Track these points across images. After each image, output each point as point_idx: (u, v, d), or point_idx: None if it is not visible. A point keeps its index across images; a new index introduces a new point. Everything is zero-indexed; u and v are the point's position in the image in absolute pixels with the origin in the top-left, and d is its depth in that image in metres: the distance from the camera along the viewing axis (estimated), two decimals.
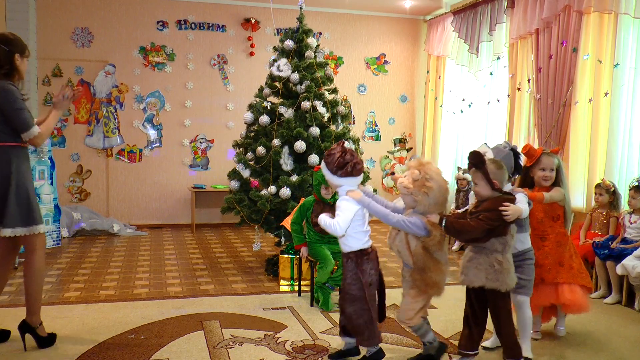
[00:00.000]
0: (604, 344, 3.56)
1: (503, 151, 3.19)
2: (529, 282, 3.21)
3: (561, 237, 3.43)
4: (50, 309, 4.07)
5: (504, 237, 2.86)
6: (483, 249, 2.88)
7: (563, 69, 5.51)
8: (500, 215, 2.78)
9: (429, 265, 2.93)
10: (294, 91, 5.34)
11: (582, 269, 3.48)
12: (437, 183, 2.86)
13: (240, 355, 3.27)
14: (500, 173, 2.94)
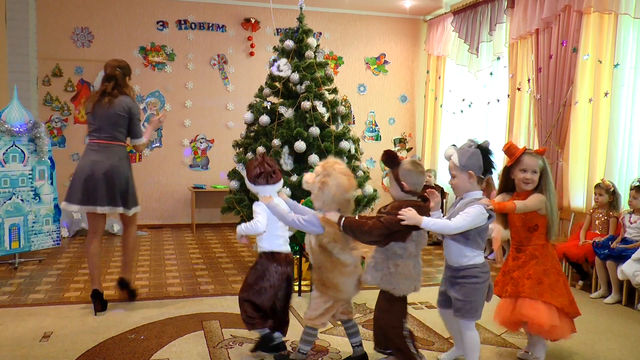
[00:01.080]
0: (604, 344, 3.56)
1: (468, 151, 2.84)
2: (467, 304, 2.82)
3: (538, 250, 3.05)
4: (50, 309, 4.07)
5: (405, 243, 2.80)
6: (385, 251, 2.83)
7: (563, 69, 5.51)
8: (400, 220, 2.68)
9: (325, 264, 2.93)
10: (294, 91, 5.34)
11: (557, 286, 3.00)
12: (335, 180, 2.87)
13: (240, 355, 3.27)
14: (413, 175, 2.83)
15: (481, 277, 2.83)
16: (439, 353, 3.34)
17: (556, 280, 3.03)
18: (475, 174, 2.81)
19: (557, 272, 3.07)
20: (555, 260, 3.10)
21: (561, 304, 3.00)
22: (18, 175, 5.34)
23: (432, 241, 6.85)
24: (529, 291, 2.99)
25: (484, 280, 2.84)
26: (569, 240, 5.06)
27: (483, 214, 2.72)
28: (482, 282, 2.83)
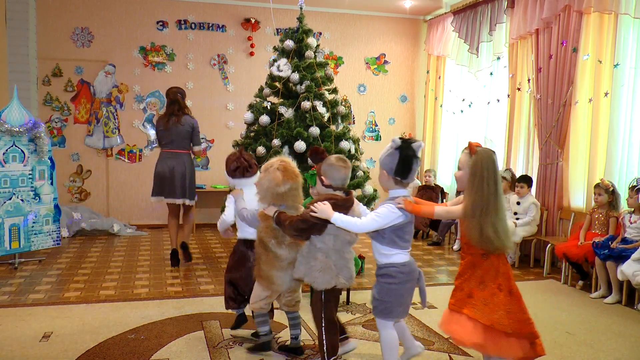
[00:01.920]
0: (604, 344, 3.56)
1: (388, 150, 2.81)
2: (380, 303, 2.79)
3: (477, 260, 2.72)
4: (50, 309, 4.07)
5: (323, 237, 2.86)
6: (309, 245, 2.92)
7: (563, 69, 5.51)
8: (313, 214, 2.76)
9: (261, 256, 3.08)
10: (294, 91, 5.34)
11: (491, 302, 2.65)
12: (268, 177, 2.99)
13: (240, 355, 3.27)
14: (333, 169, 2.90)
15: (397, 278, 2.77)
16: (439, 353, 3.34)
17: (491, 295, 2.66)
18: (388, 174, 2.80)
19: (496, 287, 2.67)
20: (499, 272, 2.68)
21: (490, 321, 2.62)
22: (18, 175, 5.34)
23: (432, 241, 6.85)
24: (455, 303, 2.76)
25: (402, 282, 2.78)
26: (568, 240, 5.07)
27: (393, 212, 2.71)
28: (397, 282, 2.77)
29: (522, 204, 5.68)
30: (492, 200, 2.60)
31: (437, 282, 5.10)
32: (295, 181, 3.04)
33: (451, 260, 6.01)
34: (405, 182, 2.82)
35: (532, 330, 2.69)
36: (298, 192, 3.07)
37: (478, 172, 2.61)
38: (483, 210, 2.60)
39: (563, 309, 4.28)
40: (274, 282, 3.07)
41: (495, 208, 2.60)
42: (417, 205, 2.76)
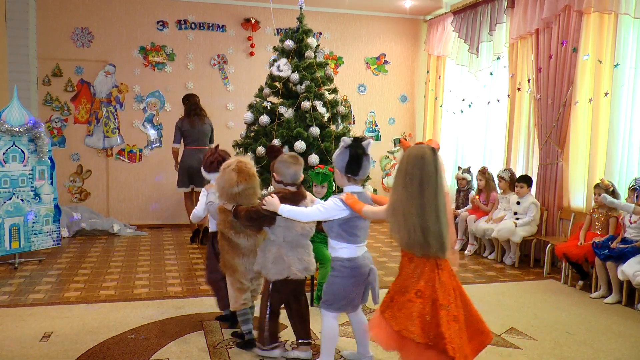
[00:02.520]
0: (604, 344, 3.56)
1: (339, 150, 2.88)
2: (324, 294, 2.91)
3: (404, 261, 2.61)
4: (50, 309, 4.07)
5: (275, 229, 3.05)
6: (267, 238, 3.13)
7: (563, 69, 5.51)
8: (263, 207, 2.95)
9: (224, 247, 3.28)
10: (294, 91, 5.34)
11: (406, 307, 2.49)
12: (224, 177, 3.18)
13: (241, 355, 3.27)
14: (283, 166, 3.07)
15: (341, 272, 2.87)
16: None
17: (408, 300, 2.50)
18: (340, 172, 2.87)
19: (414, 293, 2.51)
20: (421, 278, 2.51)
21: (399, 327, 2.48)
22: (18, 175, 5.34)
23: None
24: (381, 305, 2.64)
25: (345, 276, 2.86)
26: (569, 241, 5.06)
27: (338, 206, 2.78)
28: (340, 276, 2.87)
29: (522, 204, 5.68)
30: (419, 201, 2.44)
31: None
32: (250, 182, 3.17)
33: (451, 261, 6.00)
34: (357, 178, 2.88)
35: (447, 347, 2.39)
36: (253, 192, 3.20)
37: (402, 171, 2.49)
38: (406, 210, 2.46)
39: (563, 309, 4.28)
40: (237, 270, 3.26)
41: (423, 209, 2.44)
42: (354, 202, 2.77)
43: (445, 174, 2.51)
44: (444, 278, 2.52)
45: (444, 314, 2.45)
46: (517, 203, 5.72)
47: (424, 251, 2.49)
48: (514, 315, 4.10)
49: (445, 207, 2.49)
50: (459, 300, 2.55)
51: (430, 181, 2.44)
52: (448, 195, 2.56)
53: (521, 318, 4.03)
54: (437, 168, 2.46)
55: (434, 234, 2.45)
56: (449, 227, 2.51)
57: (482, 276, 5.31)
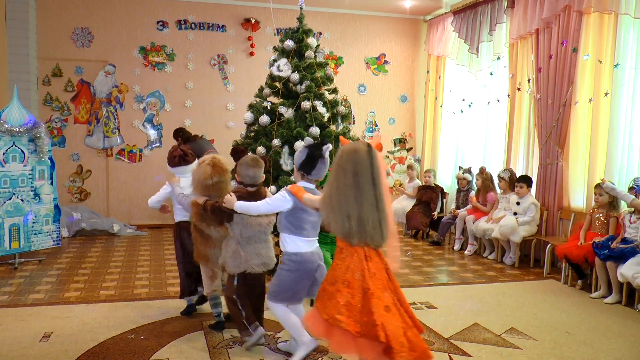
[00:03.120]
0: (604, 344, 3.56)
1: (300, 149, 3.09)
2: (273, 287, 3.05)
3: (337, 250, 2.72)
4: (50, 309, 4.07)
5: (233, 226, 3.26)
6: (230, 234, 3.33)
7: (563, 69, 5.51)
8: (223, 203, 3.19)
9: (197, 238, 3.52)
10: (294, 91, 5.34)
11: (333, 295, 2.61)
12: (199, 171, 3.45)
13: (240, 355, 3.27)
14: (243, 168, 3.32)
15: (287, 265, 3.03)
16: (439, 353, 3.34)
17: (336, 291, 2.62)
18: (296, 169, 3.06)
19: (342, 282, 2.63)
20: (350, 268, 2.63)
21: (327, 315, 2.59)
22: (18, 175, 5.34)
23: (432, 241, 6.85)
24: (316, 294, 2.79)
25: (290, 270, 3.01)
26: (569, 241, 5.06)
27: (283, 197, 2.95)
28: (287, 269, 3.02)
29: (521, 204, 5.68)
30: (353, 192, 2.57)
31: (437, 282, 5.10)
32: (223, 176, 3.46)
33: (451, 260, 6.01)
34: (310, 177, 3.01)
35: (378, 333, 2.49)
36: (225, 186, 3.47)
37: (336, 164, 2.65)
38: (340, 200, 2.59)
39: (563, 309, 4.28)
40: (209, 259, 3.51)
41: (358, 199, 2.57)
42: (297, 191, 2.93)
43: (382, 169, 2.65)
44: (373, 269, 2.64)
45: (375, 302, 2.56)
46: (517, 203, 5.72)
47: (359, 239, 2.60)
48: (514, 315, 4.10)
49: (383, 198, 2.62)
50: (392, 292, 2.66)
51: (364, 174, 2.58)
52: (387, 188, 2.68)
53: (521, 318, 4.03)
54: (372, 162, 2.60)
55: (372, 223, 2.59)
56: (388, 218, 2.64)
57: (482, 276, 5.31)
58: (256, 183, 3.33)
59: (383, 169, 2.66)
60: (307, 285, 3.07)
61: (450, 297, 4.55)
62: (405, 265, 5.66)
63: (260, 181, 3.35)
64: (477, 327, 3.81)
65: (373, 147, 2.65)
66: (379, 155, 2.66)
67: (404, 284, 4.94)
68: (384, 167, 2.80)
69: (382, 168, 2.65)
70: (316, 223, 3.06)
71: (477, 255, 6.20)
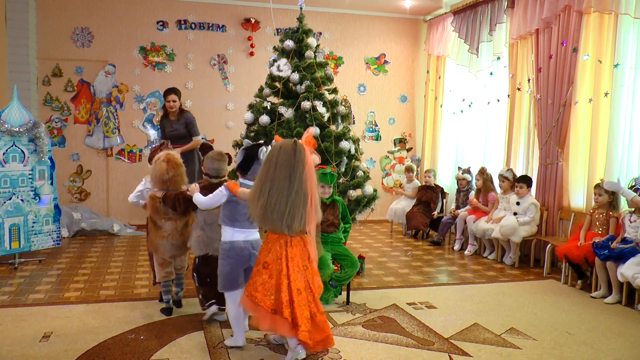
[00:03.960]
0: (604, 344, 3.56)
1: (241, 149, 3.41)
2: (218, 277, 3.32)
3: (265, 238, 3.08)
4: (50, 309, 4.07)
5: (197, 214, 3.65)
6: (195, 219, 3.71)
7: (563, 69, 5.51)
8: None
9: (151, 229, 3.86)
10: (294, 91, 5.34)
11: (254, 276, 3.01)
12: (156, 167, 3.76)
13: (241, 355, 3.27)
14: (208, 161, 3.67)
15: (223, 253, 3.30)
16: (439, 353, 3.34)
17: (257, 272, 3.02)
18: (236, 170, 3.38)
19: (262, 264, 3.01)
20: (269, 252, 3.00)
21: (248, 293, 3.02)
22: (18, 175, 5.34)
23: (432, 241, 6.85)
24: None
25: (225, 257, 3.28)
26: (569, 241, 5.05)
27: (221, 192, 3.27)
28: (222, 257, 3.30)
29: (521, 204, 5.68)
30: (269, 185, 2.89)
31: (437, 282, 5.10)
32: (177, 170, 3.77)
33: (451, 260, 6.01)
34: (248, 176, 3.28)
35: (283, 311, 2.89)
36: (180, 179, 3.78)
37: (266, 160, 2.97)
38: (260, 192, 2.90)
39: (563, 309, 4.28)
40: (158, 249, 3.81)
41: (271, 192, 2.87)
42: (233, 186, 3.24)
43: (307, 165, 2.90)
44: (292, 254, 2.99)
45: (286, 284, 2.94)
46: (517, 203, 5.72)
47: (273, 227, 2.94)
48: (514, 315, 4.10)
49: (304, 191, 2.90)
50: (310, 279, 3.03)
51: (283, 168, 2.87)
52: (311, 183, 2.94)
53: (521, 318, 4.03)
54: (295, 158, 2.88)
55: (287, 213, 2.89)
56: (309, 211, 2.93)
57: (482, 276, 5.31)
58: (220, 175, 3.66)
59: (310, 165, 2.92)
60: (241, 272, 3.32)
61: (450, 297, 4.55)
62: (405, 265, 5.66)
63: (223, 174, 3.68)
64: (477, 327, 3.81)
65: (301, 143, 2.94)
66: (307, 150, 2.93)
67: (404, 284, 4.95)
68: (312, 164, 2.96)
69: (308, 163, 2.90)
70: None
71: (477, 256, 6.20)
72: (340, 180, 5.11)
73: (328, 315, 4.00)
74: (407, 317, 4.00)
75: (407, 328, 3.77)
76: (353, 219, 5.28)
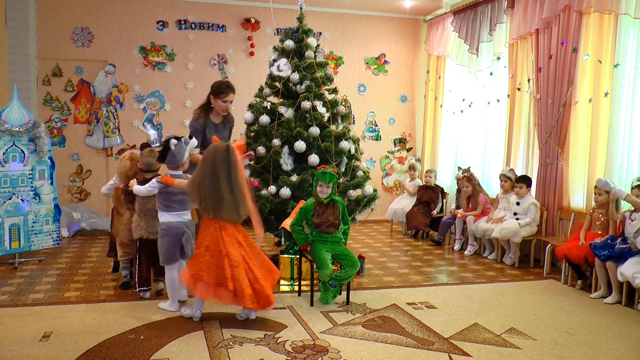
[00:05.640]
0: (604, 344, 3.56)
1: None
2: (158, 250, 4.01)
3: (202, 224, 3.81)
4: (50, 309, 4.07)
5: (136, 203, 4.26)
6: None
7: (563, 69, 5.51)
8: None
9: (115, 216, 4.62)
10: (294, 91, 5.34)
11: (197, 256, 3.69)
12: (121, 165, 4.53)
13: (240, 355, 3.27)
14: (143, 158, 4.28)
15: (161, 233, 3.97)
16: (439, 353, 3.34)
17: (199, 254, 3.69)
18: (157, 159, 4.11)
19: (203, 247, 3.68)
20: (207, 236, 3.69)
21: (192, 271, 3.66)
22: (18, 175, 5.34)
23: (432, 241, 6.85)
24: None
25: (163, 236, 3.96)
26: (569, 241, 5.05)
27: (154, 184, 3.93)
28: (160, 237, 3.98)
29: (521, 205, 5.68)
30: (209, 179, 3.59)
31: (437, 282, 5.10)
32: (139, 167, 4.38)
33: (451, 260, 6.01)
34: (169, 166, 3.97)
35: (228, 284, 3.58)
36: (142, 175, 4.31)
37: (203, 157, 3.69)
38: (199, 184, 3.62)
39: (563, 309, 4.28)
40: (118, 234, 4.55)
41: (211, 186, 3.59)
42: (166, 179, 3.89)
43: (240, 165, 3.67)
44: (227, 237, 3.67)
45: (226, 262, 3.61)
46: (517, 203, 5.72)
47: (215, 215, 3.65)
48: (514, 315, 4.10)
49: (239, 186, 3.63)
50: (246, 252, 3.70)
51: (221, 166, 3.59)
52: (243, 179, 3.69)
53: (521, 318, 4.03)
54: (229, 159, 3.61)
55: (227, 205, 3.61)
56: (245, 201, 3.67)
57: (482, 276, 5.31)
58: (151, 169, 4.26)
59: (240, 164, 3.69)
60: (177, 248, 3.97)
61: (450, 297, 4.55)
62: (405, 265, 5.66)
63: (154, 168, 4.26)
64: (477, 327, 3.81)
65: (232, 147, 3.67)
66: (237, 153, 3.67)
67: (404, 284, 4.95)
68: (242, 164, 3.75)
69: (239, 164, 3.66)
70: (184, 201, 3.98)
71: (477, 256, 6.20)
72: (340, 180, 5.11)
73: (328, 315, 4.01)
74: (407, 317, 4.01)
75: (407, 328, 3.77)
76: (353, 219, 5.28)
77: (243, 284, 3.59)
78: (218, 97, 4.96)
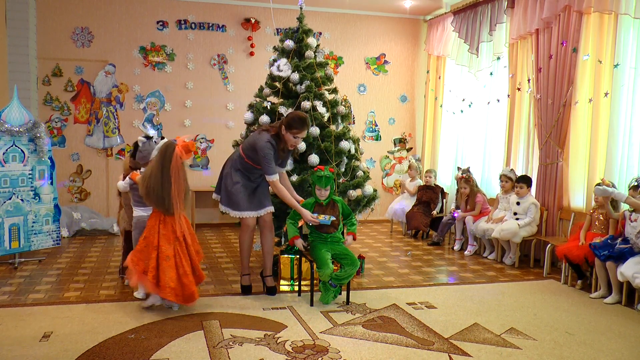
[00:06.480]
0: (604, 344, 3.56)
1: None
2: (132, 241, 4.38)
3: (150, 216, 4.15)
4: (50, 309, 4.07)
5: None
6: None
7: (563, 69, 5.51)
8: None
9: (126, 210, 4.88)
10: (294, 91, 5.33)
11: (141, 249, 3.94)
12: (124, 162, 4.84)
13: (240, 355, 3.27)
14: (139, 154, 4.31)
15: (134, 226, 4.34)
16: (439, 353, 3.34)
17: (145, 246, 3.93)
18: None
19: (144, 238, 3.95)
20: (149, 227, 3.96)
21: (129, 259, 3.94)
22: (18, 175, 5.34)
23: (432, 241, 6.85)
24: None
25: (136, 228, 4.29)
26: (569, 241, 5.05)
27: (127, 181, 4.36)
28: (135, 229, 4.32)
29: (521, 205, 5.68)
30: (155, 174, 3.85)
31: (437, 282, 5.10)
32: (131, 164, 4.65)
33: (451, 260, 6.01)
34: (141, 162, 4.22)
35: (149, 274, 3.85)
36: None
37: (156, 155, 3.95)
38: (146, 180, 3.87)
39: (563, 309, 4.28)
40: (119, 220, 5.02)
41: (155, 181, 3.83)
42: (134, 176, 4.23)
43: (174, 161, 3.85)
44: (163, 230, 3.93)
45: (155, 254, 3.87)
46: (517, 203, 5.72)
47: (158, 207, 3.92)
48: (514, 315, 4.10)
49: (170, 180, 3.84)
50: (181, 247, 3.95)
51: (167, 163, 3.85)
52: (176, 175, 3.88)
53: (521, 318, 4.03)
54: (166, 155, 3.86)
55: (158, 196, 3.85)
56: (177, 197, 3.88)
57: (482, 276, 5.31)
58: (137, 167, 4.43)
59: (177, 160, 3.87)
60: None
61: (450, 297, 4.56)
62: (405, 265, 5.66)
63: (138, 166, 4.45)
64: (477, 327, 3.82)
65: (172, 143, 3.91)
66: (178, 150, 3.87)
67: (404, 284, 4.95)
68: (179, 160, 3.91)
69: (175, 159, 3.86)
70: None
71: (477, 256, 6.20)
72: (340, 180, 5.11)
73: (328, 315, 4.01)
74: (407, 317, 4.01)
75: (407, 328, 3.77)
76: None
77: (168, 277, 3.84)
78: (290, 130, 4.39)
